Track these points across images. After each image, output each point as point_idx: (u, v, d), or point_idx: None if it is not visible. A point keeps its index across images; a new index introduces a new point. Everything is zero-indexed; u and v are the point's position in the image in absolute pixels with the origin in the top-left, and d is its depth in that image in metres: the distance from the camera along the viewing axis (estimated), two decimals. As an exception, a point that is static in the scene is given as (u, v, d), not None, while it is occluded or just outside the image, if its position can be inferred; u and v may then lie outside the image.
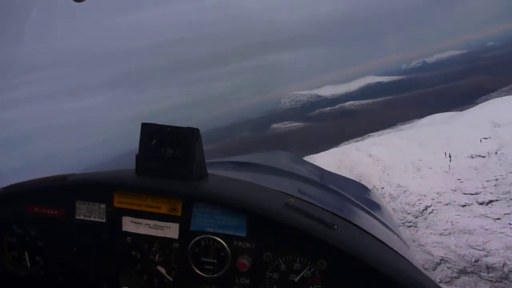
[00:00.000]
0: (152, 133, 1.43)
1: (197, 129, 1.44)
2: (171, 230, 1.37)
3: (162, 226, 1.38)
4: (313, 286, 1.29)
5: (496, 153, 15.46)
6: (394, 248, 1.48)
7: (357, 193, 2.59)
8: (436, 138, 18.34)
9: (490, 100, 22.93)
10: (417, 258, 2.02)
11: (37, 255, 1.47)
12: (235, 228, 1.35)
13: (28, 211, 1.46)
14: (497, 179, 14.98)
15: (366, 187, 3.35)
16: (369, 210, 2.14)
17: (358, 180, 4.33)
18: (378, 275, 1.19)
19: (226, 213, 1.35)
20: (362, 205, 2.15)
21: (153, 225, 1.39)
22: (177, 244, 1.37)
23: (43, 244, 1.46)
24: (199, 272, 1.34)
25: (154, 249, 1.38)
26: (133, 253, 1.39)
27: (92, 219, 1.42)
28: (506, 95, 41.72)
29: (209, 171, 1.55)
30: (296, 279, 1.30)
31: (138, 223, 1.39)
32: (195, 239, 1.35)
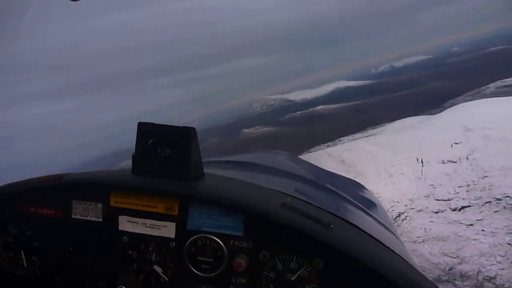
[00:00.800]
0: (148, 133, 1.42)
1: (194, 129, 1.41)
2: (168, 230, 1.38)
3: (159, 226, 1.38)
4: (309, 285, 1.30)
5: (467, 158, 15.39)
6: (391, 247, 1.49)
7: (353, 192, 2.63)
8: (408, 144, 18.27)
9: (460, 105, 23.22)
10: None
11: (34, 255, 1.46)
12: (231, 228, 1.35)
13: (24, 211, 1.46)
14: (468, 185, 14.88)
15: (362, 185, 3.34)
16: (366, 209, 2.17)
17: (354, 179, 4.14)
18: (374, 274, 1.19)
19: (223, 212, 1.35)
20: (359, 204, 2.17)
21: (150, 224, 1.39)
22: (174, 244, 1.38)
23: (39, 244, 1.46)
24: (196, 272, 1.35)
25: (150, 248, 1.39)
26: (130, 252, 1.39)
27: (88, 218, 1.42)
28: (471, 99, 42.83)
29: (205, 171, 1.54)
30: (292, 278, 1.30)
31: (134, 222, 1.39)
32: (192, 238, 1.36)
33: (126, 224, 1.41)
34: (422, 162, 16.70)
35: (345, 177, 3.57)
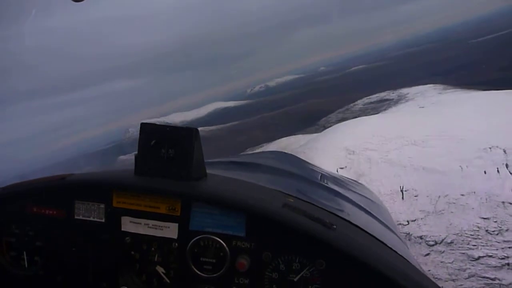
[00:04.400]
0: (151, 133, 1.44)
1: (196, 129, 1.43)
2: (170, 230, 1.38)
3: (161, 226, 1.38)
4: (312, 286, 1.29)
5: (354, 183, 13.97)
6: (393, 248, 1.50)
7: (356, 193, 2.65)
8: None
9: (339, 124, 22.46)
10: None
11: (36, 255, 1.46)
12: (234, 228, 1.35)
13: (27, 211, 1.46)
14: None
15: (365, 187, 3.38)
16: (368, 210, 2.18)
17: (357, 180, 3.88)
18: (377, 275, 1.20)
19: (225, 213, 1.35)
20: (361, 205, 2.19)
21: (152, 225, 1.39)
22: (176, 244, 1.37)
23: (42, 244, 1.45)
24: (198, 272, 1.35)
25: (153, 249, 1.38)
26: (132, 253, 1.39)
27: (91, 219, 1.42)
28: (343, 116, 44.57)
29: (208, 171, 1.55)
30: (295, 279, 1.30)
31: (137, 223, 1.39)
32: (194, 239, 1.35)
33: (128, 224, 1.39)
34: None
35: (348, 178, 3.46)
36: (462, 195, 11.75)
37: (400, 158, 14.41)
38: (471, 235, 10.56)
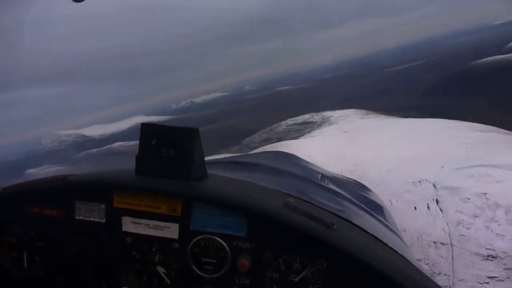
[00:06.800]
0: (151, 133, 1.44)
1: (197, 129, 1.45)
2: (171, 230, 1.38)
3: (162, 226, 1.38)
4: (313, 286, 1.30)
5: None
6: (394, 248, 1.50)
7: (357, 193, 2.66)
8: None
9: (264, 147, 21.06)
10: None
11: (37, 255, 1.47)
12: (234, 228, 1.35)
13: (27, 212, 1.47)
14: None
15: (366, 187, 3.30)
16: (369, 210, 2.17)
17: (358, 180, 3.56)
18: (378, 275, 1.21)
19: (226, 213, 1.36)
20: (362, 205, 2.19)
21: (153, 225, 1.39)
22: (177, 244, 1.37)
23: (42, 244, 1.46)
24: (199, 272, 1.35)
25: (153, 249, 1.38)
26: (133, 253, 1.39)
27: (91, 219, 1.42)
28: (267, 136, 44.00)
29: (208, 171, 1.56)
30: (296, 279, 1.30)
31: (137, 223, 1.40)
32: (195, 239, 1.36)
33: (129, 225, 1.40)
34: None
35: (348, 178, 3.44)
36: (393, 233, 10.82)
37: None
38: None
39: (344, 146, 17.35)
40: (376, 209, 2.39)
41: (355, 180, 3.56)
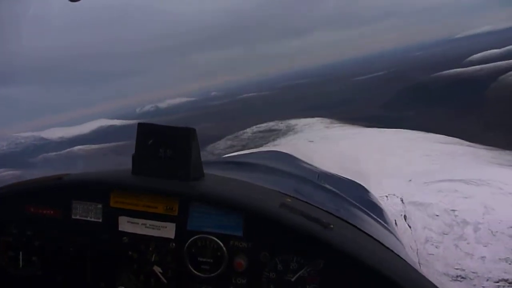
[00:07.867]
0: (148, 133, 1.44)
1: (194, 129, 1.44)
2: (168, 230, 1.38)
3: (159, 226, 1.38)
4: (310, 286, 1.29)
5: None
6: (391, 248, 1.51)
7: (354, 193, 2.62)
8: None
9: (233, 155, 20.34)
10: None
11: (34, 255, 1.47)
12: (231, 228, 1.35)
13: (24, 211, 1.47)
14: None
15: (363, 186, 3.33)
16: (366, 209, 2.18)
17: (355, 180, 3.56)
18: (375, 274, 1.21)
19: (223, 213, 1.36)
20: (359, 205, 2.19)
21: (150, 225, 1.39)
22: (174, 244, 1.37)
23: (39, 244, 1.46)
24: (196, 272, 1.34)
25: (150, 249, 1.38)
26: (130, 253, 1.39)
27: (88, 219, 1.43)
28: (231, 143, 43.27)
29: (205, 171, 1.56)
30: (293, 279, 1.30)
31: (134, 223, 1.40)
32: (192, 239, 1.35)
33: (126, 224, 1.40)
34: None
35: (345, 178, 3.45)
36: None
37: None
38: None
39: (308, 157, 16.94)
40: (372, 208, 2.40)
41: (352, 180, 3.54)
